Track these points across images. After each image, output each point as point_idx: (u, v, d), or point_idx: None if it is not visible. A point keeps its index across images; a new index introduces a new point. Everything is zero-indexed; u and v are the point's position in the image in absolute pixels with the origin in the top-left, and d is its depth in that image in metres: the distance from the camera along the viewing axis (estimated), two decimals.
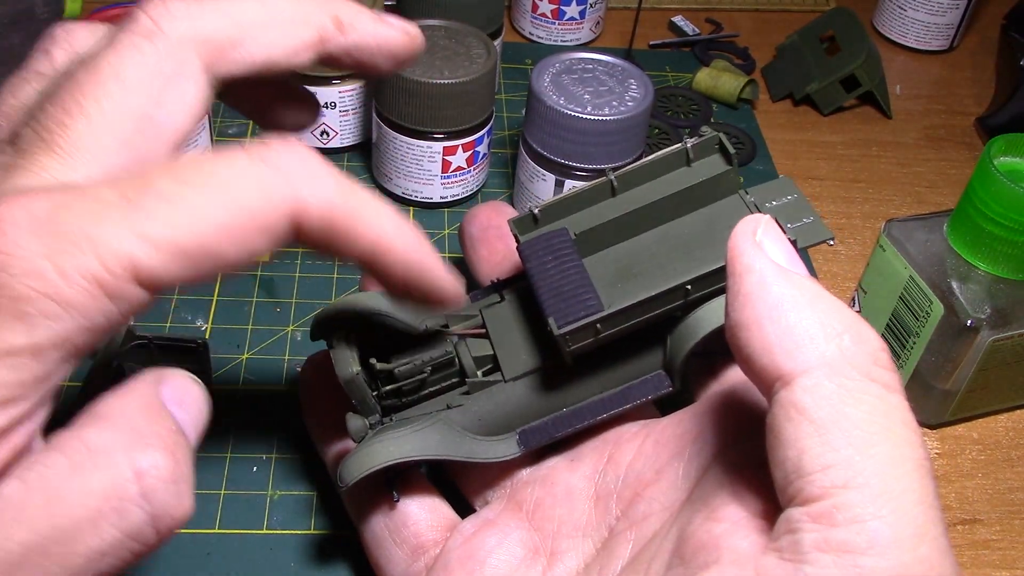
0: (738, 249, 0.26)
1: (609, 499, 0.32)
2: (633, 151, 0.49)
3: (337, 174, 0.26)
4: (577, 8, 0.67)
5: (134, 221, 0.23)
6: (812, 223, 0.34)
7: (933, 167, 0.63)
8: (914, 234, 0.45)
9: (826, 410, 0.23)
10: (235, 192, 0.25)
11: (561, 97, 0.48)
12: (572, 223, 0.35)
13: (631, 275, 0.34)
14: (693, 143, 0.34)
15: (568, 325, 0.31)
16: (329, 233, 0.26)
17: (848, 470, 0.22)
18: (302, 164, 0.26)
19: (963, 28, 0.73)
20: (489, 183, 0.56)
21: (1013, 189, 0.40)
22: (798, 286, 0.25)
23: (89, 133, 0.25)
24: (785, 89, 0.67)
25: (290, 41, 0.29)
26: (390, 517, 0.34)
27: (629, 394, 0.34)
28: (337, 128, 0.56)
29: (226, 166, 0.25)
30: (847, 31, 0.66)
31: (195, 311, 0.47)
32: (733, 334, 0.25)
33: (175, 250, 0.24)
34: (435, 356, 0.34)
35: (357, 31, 0.30)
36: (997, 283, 0.42)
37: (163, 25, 0.26)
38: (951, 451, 0.46)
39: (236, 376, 0.44)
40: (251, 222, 0.25)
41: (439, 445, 0.33)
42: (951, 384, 0.44)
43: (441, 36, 0.52)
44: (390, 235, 0.27)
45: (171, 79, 0.26)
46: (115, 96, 0.25)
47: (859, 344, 0.24)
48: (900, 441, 0.23)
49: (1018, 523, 0.43)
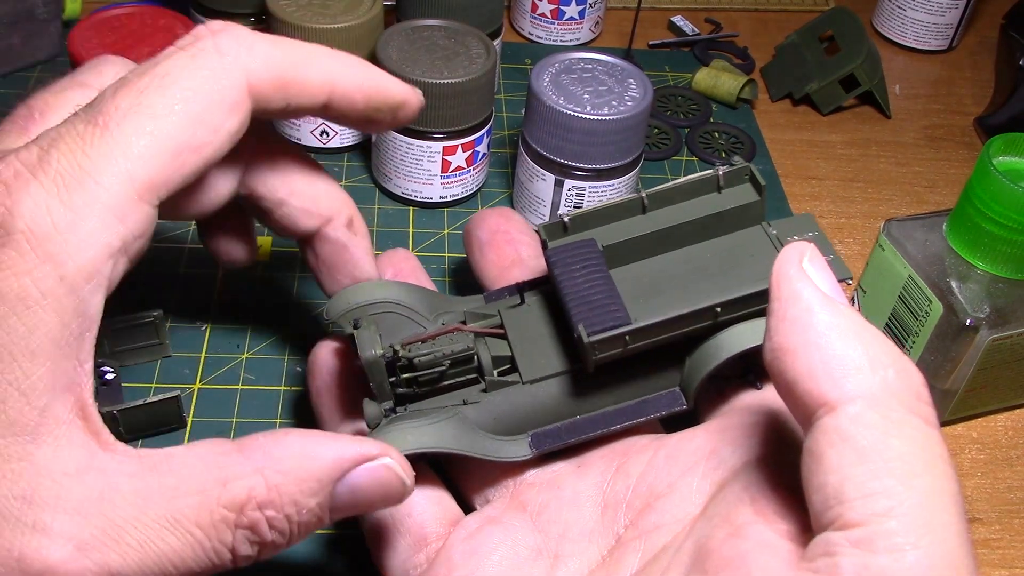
0: (785, 275, 0.26)
1: (618, 508, 0.32)
2: (632, 151, 0.49)
3: (272, 37, 0.31)
4: (576, 8, 0.67)
5: (120, 146, 0.27)
6: (833, 261, 0.34)
7: (932, 167, 0.63)
8: (913, 234, 0.45)
9: (870, 439, 0.23)
10: (191, 84, 0.28)
11: (560, 97, 0.48)
12: (600, 235, 0.35)
13: (654, 292, 0.34)
14: (725, 171, 0.35)
15: (597, 334, 0.32)
16: (285, 88, 0.31)
17: (890, 499, 0.23)
18: (237, 39, 0.30)
19: (962, 28, 0.73)
20: (489, 183, 0.56)
21: (1012, 188, 0.40)
22: (845, 316, 0.25)
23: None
24: (784, 89, 0.67)
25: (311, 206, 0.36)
26: (395, 507, 0.33)
27: (643, 408, 0.34)
28: (337, 128, 0.56)
29: (174, 65, 0.29)
30: (846, 31, 0.66)
31: (195, 311, 0.47)
32: (776, 357, 0.26)
33: (160, 156, 0.27)
34: (456, 350, 0.34)
35: (355, 238, 0.37)
36: (996, 282, 0.42)
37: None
38: (950, 450, 0.45)
39: (236, 376, 0.44)
40: (216, 105, 0.29)
41: (455, 439, 0.33)
42: (950, 383, 0.44)
43: (441, 36, 0.52)
44: (338, 68, 0.32)
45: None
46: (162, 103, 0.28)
47: (903, 378, 0.24)
48: (940, 475, 0.23)
49: (1017, 522, 0.43)
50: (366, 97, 0.33)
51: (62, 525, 0.25)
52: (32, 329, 0.25)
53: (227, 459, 0.27)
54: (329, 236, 0.37)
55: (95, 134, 0.27)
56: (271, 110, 0.31)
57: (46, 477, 0.25)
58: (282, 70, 0.31)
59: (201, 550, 0.26)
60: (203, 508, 0.26)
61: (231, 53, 0.29)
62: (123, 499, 0.26)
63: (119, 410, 0.37)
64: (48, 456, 0.25)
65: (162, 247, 0.49)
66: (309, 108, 0.32)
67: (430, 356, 0.34)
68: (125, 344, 0.43)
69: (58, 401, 0.26)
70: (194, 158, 0.28)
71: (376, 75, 0.33)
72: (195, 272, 0.48)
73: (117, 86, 0.28)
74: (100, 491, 0.26)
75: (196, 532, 0.26)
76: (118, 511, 0.26)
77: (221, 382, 0.44)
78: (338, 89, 0.32)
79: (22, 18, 0.59)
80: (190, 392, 0.43)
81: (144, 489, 0.26)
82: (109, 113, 0.27)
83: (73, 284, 0.26)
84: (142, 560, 0.26)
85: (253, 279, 0.48)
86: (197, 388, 0.43)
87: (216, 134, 0.29)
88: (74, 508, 0.25)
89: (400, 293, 0.36)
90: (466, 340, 0.35)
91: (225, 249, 0.39)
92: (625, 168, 0.50)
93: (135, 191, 0.27)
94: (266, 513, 0.27)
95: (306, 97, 0.32)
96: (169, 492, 0.26)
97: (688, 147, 0.61)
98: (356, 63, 0.33)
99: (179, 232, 0.50)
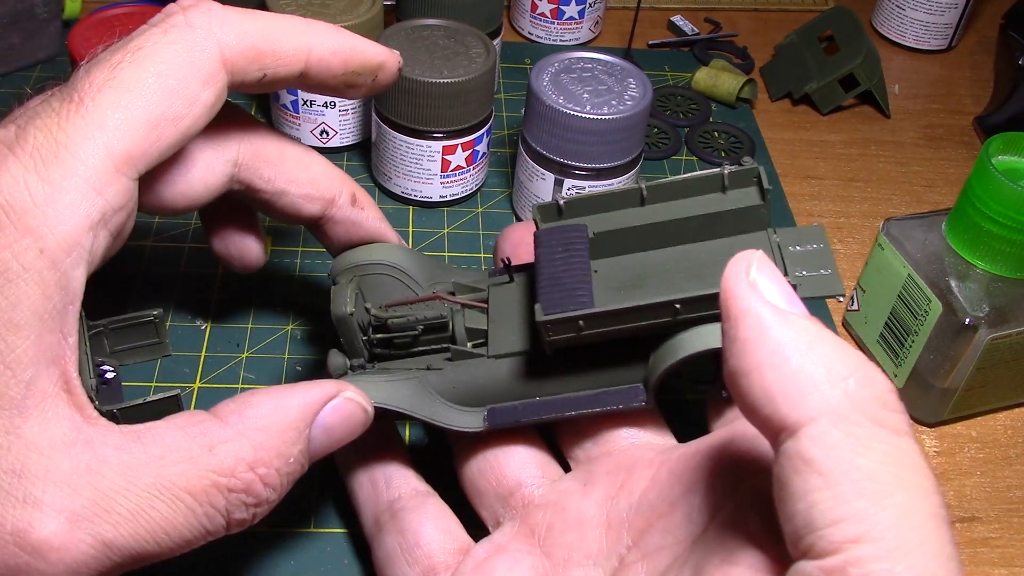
0: (731, 291, 0.24)
1: (621, 527, 0.31)
2: (632, 150, 0.49)
3: (245, 10, 0.31)
4: (576, 8, 0.67)
5: (96, 120, 0.27)
6: (828, 276, 0.33)
7: (932, 166, 0.63)
8: (913, 233, 0.45)
9: (835, 461, 0.22)
10: (164, 57, 0.29)
11: (560, 96, 0.48)
12: (594, 222, 0.35)
13: (637, 285, 0.34)
14: (731, 171, 0.34)
15: (552, 314, 0.32)
16: (259, 59, 0.31)
17: (861, 523, 0.21)
18: (208, 13, 0.30)
19: (962, 28, 0.73)
20: (488, 182, 0.56)
21: (1011, 188, 0.40)
22: (798, 328, 0.23)
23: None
24: (784, 88, 0.67)
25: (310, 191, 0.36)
26: (404, 535, 0.33)
27: (602, 399, 0.34)
28: (336, 127, 0.56)
29: (147, 41, 0.29)
30: (846, 31, 0.66)
31: (195, 311, 0.47)
32: (733, 381, 0.24)
33: (136, 128, 0.28)
34: (429, 316, 0.35)
35: (363, 212, 0.37)
36: (995, 281, 0.42)
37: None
38: (950, 449, 0.46)
39: (236, 375, 0.44)
40: (190, 77, 0.29)
41: (407, 399, 0.34)
42: (950, 382, 0.44)
43: (440, 36, 0.52)
44: (312, 35, 0.33)
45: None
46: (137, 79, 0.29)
47: (866, 388, 0.23)
48: (914, 490, 0.22)
49: (1016, 521, 0.43)
50: (343, 62, 0.33)
51: (53, 498, 0.25)
52: (15, 303, 0.25)
53: (208, 426, 0.28)
54: (337, 217, 0.37)
55: (71, 110, 0.27)
56: (248, 82, 0.31)
57: (34, 451, 0.25)
58: (255, 40, 0.31)
59: (193, 517, 0.27)
60: (192, 475, 0.27)
61: (203, 26, 0.30)
62: (111, 470, 0.26)
63: (119, 409, 0.37)
64: (35, 429, 0.26)
65: (162, 247, 0.50)
66: (287, 77, 0.32)
67: (403, 319, 0.35)
68: (125, 343, 0.43)
69: (43, 374, 0.26)
70: (171, 130, 0.29)
71: (351, 39, 0.33)
72: (195, 272, 0.48)
73: (91, 64, 0.29)
74: (88, 463, 0.26)
75: (187, 499, 0.26)
76: (107, 482, 0.26)
77: (221, 381, 0.44)
78: (314, 56, 0.32)
79: (22, 17, 0.59)
80: (190, 391, 0.43)
81: (131, 460, 0.26)
82: (84, 89, 0.28)
83: (54, 257, 0.26)
84: (134, 530, 0.26)
85: (253, 279, 0.48)
86: (197, 387, 0.43)
87: (192, 106, 0.29)
88: (64, 480, 0.25)
89: (399, 257, 0.37)
90: (441, 309, 0.35)
91: (237, 254, 0.39)
92: (624, 167, 0.50)
93: (112, 163, 0.27)
94: (259, 472, 0.28)
95: (282, 66, 0.32)
96: (156, 461, 0.26)
97: (688, 147, 0.61)
98: (330, 29, 0.33)
99: (179, 232, 0.50)
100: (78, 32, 0.51)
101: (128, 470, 0.26)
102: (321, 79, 0.33)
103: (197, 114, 0.29)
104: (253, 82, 0.31)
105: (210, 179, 0.34)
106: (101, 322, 0.42)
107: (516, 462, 0.35)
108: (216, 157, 0.34)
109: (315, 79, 0.33)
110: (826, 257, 0.34)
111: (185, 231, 0.51)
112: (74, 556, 0.25)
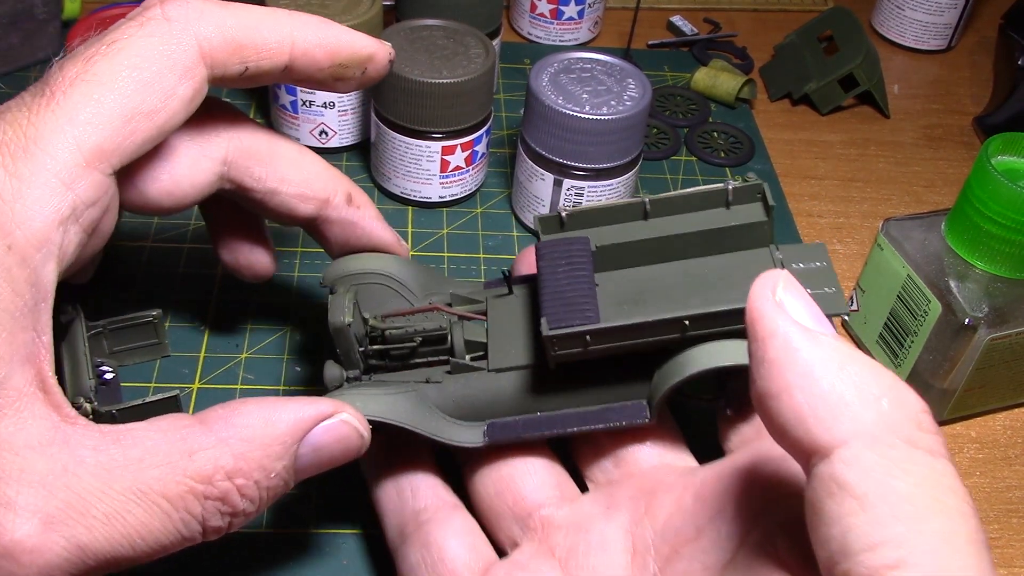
0: (758, 311, 0.24)
1: (646, 554, 0.30)
2: (631, 151, 0.49)
3: (225, 3, 0.31)
4: (575, 8, 0.67)
5: (67, 114, 0.27)
6: (832, 294, 0.33)
7: (931, 166, 0.63)
8: (912, 233, 0.45)
9: (870, 484, 0.21)
10: (139, 51, 0.28)
11: (559, 97, 0.48)
12: (596, 235, 0.34)
13: (640, 300, 0.33)
14: (735, 186, 0.34)
15: (559, 329, 0.31)
16: (240, 51, 0.30)
17: (899, 549, 0.21)
18: (186, 5, 0.30)
19: (961, 28, 0.73)
20: (487, 183, 0.56)
21: (1011, 188, 0.40)
22: (828, 348, 0.23)
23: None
24: (783, 89, 0.67)
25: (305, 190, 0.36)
26: (428, 550, 0.33)
27: (605, 415, 0.33)
28: (336, 128, 0.56)
29: (122, 34, 0.29)
30: (845, 31, 0.66)
31: (194, 311, 0.47)
32: (762, 404, 0.24)
33: (109, 122, 0.27)
34: (428, 328, 0.34)
35: (359, 211, 0.37)
36: (995, 282, 0.42)
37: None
38: (949, 450, 0.45)
39: (236, 376, 0.44)
40: (166, 70, 0.29)
41: (406, 414, 0.33)
42: (949, 383, 0.44)
43: (439, 36, 0.52)
44: (296, 27, 0.32)
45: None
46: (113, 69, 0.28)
47: (899, 408, 0.22)
48: (953, 514, 0.21)
49: (1016, 521, 0.43)
50: (329, 54, 0.32)
51: (27, 499, 0.25)
52: None
53: (190, 431, 0.27)
54: (332, 217, 0.36)
55: (42, 104, 0.27)
56: (229, 75, 0.31)
57: (8, 450, 0.25)
58: (235, 33, 0.30)
59: (169, 522, 0.26)
60: (169, 480, 0.26)
61: (180, 19, 0.29)
62: (87, 472, 0.25)
63: (118, 410, 0.37)
64: (9, 429, 0.25)
65: (162, 247, 0.50)
66: (270, 71, 0.32)
67: (401, 331, 0.34)
68: (124, 344, 0.43)
69: (17, 373, 0.25)
70: (146, 125, 0.28)
71: (338, 31, 0.33)
72: (195, 272, 0.48)
73: (65, 59, 0.28)
74: (64, 464, 0.25)
75: (163, 503, 0.26)
76: (83, 484, 0.25)
77: (220, 382, 0.44)
78: (298, 48, 0.32)
79: (21, 18, 0.59)
80: (189, 392, 0.43)
81: (108, 462, 0.26)
82: (56, 83, 0.27)
83: (23, 253, 0.26)
84: (109, 533, 0.25)
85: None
86: (196, 388, 0.43)
87: (168, 100, 0.29)
88: (38, 481, 0.25)
89: (394, 267, 0.37)
90: (440, 320, 0.35)
91: (246, 263, 0.39)
92: (624, 168, 0.50)
93: (83, 158, 0.27)
94: (236, 482, 0.27)
95: (265, 59, 0.31)
96: (134, 464, 0.26)
97: (687, 147, 0.61)
98: (316, 21, 0.32)
99: (179, 232, 0.50)
100: (77, 32, 0.51)
101: (105, 472, 0.26)
102: (307, 72, 0.32)
103: (174, 108, 0.29)
104: (235, 76, 0.31)
105: (197, 177, 0.33)
106: (100, 322, 0.42)
107: (534, 482, 0.34)
108: (203, 154, 0.33)
109: (300, 72, 0.32)
110: (829, 275, 0.34)
111: (184, 232, 0.51)
112: (47, 559, 0.25)
